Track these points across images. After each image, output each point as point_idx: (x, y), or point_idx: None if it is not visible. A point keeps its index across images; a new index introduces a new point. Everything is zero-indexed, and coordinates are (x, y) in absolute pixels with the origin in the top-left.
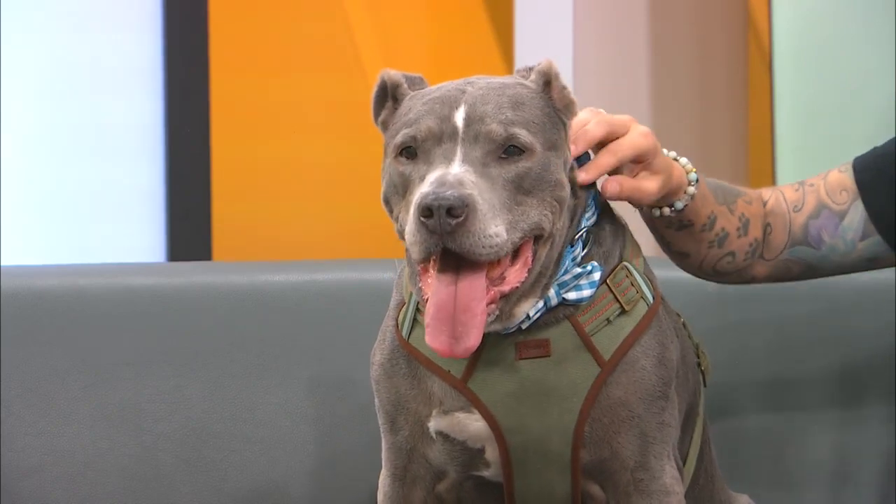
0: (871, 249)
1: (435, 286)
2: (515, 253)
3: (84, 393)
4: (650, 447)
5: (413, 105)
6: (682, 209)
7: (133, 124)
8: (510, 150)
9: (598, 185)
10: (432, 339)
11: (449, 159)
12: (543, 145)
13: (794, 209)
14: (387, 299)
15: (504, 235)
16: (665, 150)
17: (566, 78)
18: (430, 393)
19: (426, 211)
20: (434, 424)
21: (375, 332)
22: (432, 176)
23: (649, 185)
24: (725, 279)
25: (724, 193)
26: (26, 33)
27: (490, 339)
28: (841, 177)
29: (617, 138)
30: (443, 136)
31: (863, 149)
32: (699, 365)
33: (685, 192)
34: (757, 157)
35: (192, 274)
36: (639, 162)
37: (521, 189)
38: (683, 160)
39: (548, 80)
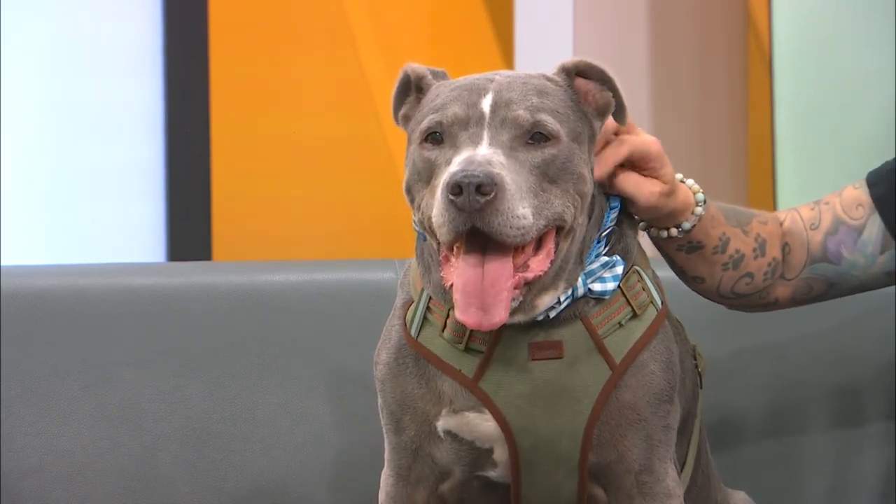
0: (892, 262)
1: (461, 267)
2: (539, 243)
3: (84, 393)
4: (655, 450)
5: (440, 92)
6: (690, 230)
7: (133, 124)
8: (536, 136)
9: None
10: (462, 312)
11: (476, 143)
12: (568, 135)
13: (811, 227)
14: (387, 299)
15: (530, 219)
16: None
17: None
18: (439, 392)
19: (455, 188)
20: (443, 424)
21: (376, 332)
22: (459, 157)
23: (652, 185)
24: (747, 302)
25: (736, 215)
26: (26, 31)
27: (503, 339)
28: (856, 192)
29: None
30: (469, 122)
31: (863, 148)
32: (696, 367)
33: (692, 213)
34: (757, 157)
35: (192, 274)
36: (646, 168)
37: (546, 176)
38: (690, 181)
39: (572, 76)
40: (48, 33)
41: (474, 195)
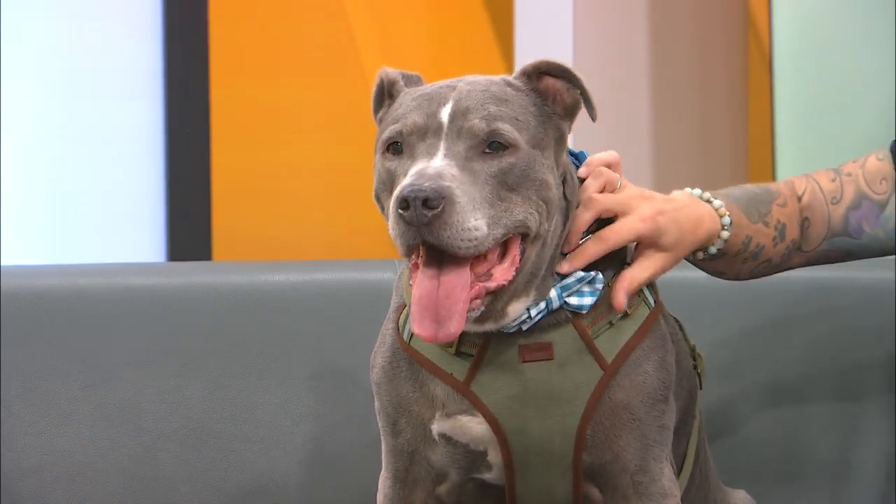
0: None
1: (419, 279)
2: (504, 251)
3: (84, 393)
4: (650, 450)
5: (404, 101)
6: (716, 253)
7: (133, 125)
8: (494, 145)
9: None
10: (417, 324)
11: (431, 154)
12: (528, 142)
13: (832, 201)
14: (387, 299)
15: (484, 230)
16: (699, 191)
17: None
18: (432, 396)
19: (403, 203)
20: (437, 427)
21: (375, 333)
22: (413, 169)
23: (644, 271)
24: (761, 276)
25: (757, 206)
26: (27, 33)
27: (493, 342)
28: (880, 164)
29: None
30: (428, 132)
31: (863, 148)
32: (695, 367)
33: (718, 237)
34: (757, 157)
35: (192, 274)
36: (617, 211)
37: (505, 185)
38: (717, 203)
39: (534, 78)
40: (48, 33)
41: (421, 209)
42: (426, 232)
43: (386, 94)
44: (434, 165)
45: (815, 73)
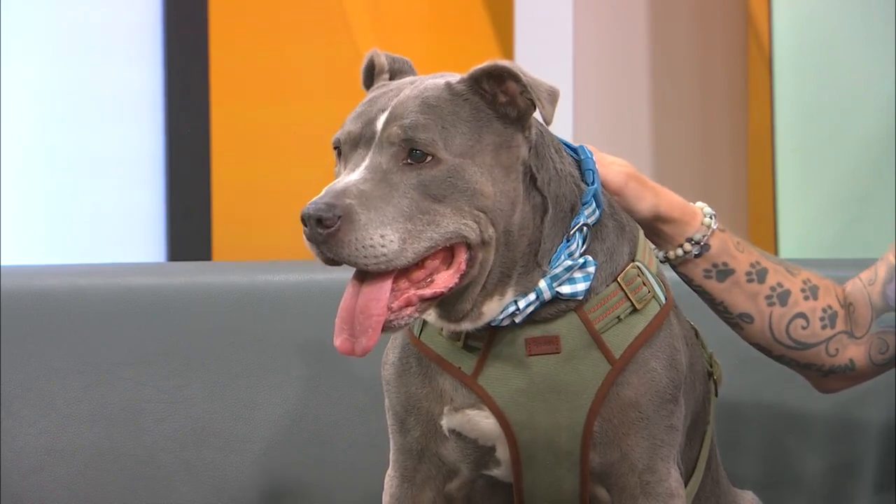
0: None
1: (346, 290)
2: (452, 257)
3: (84, 393)
4: (658, 450)
5: (362, 101)
6: (706, 244)
7: (133, 125)
8: (415, 154)
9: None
10: (335, 337)
11: (357, 165)
12: (454, 151)
13: (868, 284)
14: None
15: (396, 245)
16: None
17: (565, 78)
18: (441, 390)
19: (302, 220)
20: (446, 422)
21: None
22: (331, 183)
23: (612, 161)
24: (815, 359)
25: (781, 261)
26: (26, 33)
27: (499, 336)
28: None
29: None
30: (360, 141)
31: (863, 148)
32: (711, 375)
33: (702, 224)
34: (757, 157)
35: (192, 274)
36: None
37: (429, 196)
38: (698, 203)
39: (482, 82)
40: (49, 32)
41: (315, 228)
42: (325, 249)
43: (376, 78)
44: (347, 180)
45: (815, 73)
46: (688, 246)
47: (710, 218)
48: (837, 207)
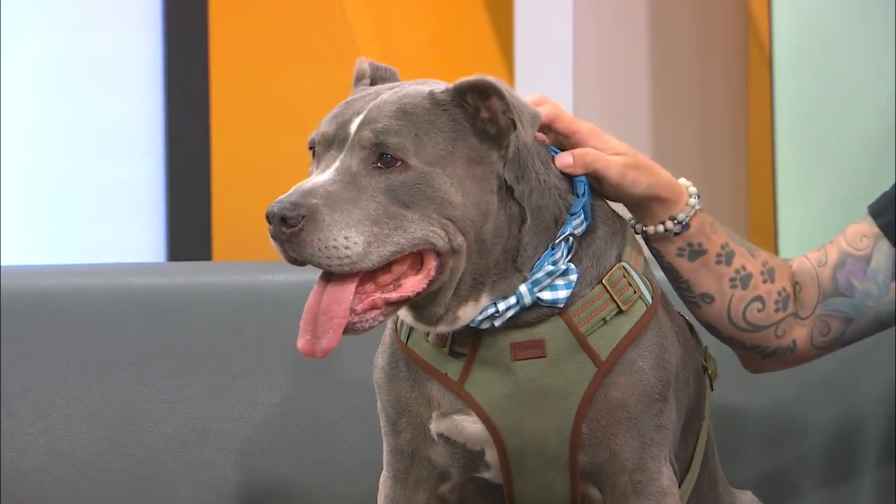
0: None
1: (312, 291)
2: (422, 263)
3: (84, 393)
4: (648, 449)
5: (340, 103)
6: (687, 223)
7: (133, 123)
8: (385, 158)
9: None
10: (299, 338)
11: (328, 165)
12: (425, 159)
13: (818, 265)
14: None
15: (360, 247)
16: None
17: (565, 78)
18: (429, 396)
19: (266, 219)
20: (434, 427)
21: (375, 332)
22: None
23: (614, 158)
24: (763, 340)
25: (742, 241)
26: (25, 32)
27: (485, 341)
28: (858, 226)
29: None
30: (334, 143)
31: (863, 148)
32: (706, 370)
33: (687, 204)
34: (757, 157)
35: (192, 274)
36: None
37: (397, 201)
38: (682, 179)
39: (466, 95)
40: (49, 32)
41: (278, 226)
42: (289, 248)
43: (358, 83)
44: (315, 180)
45: (815, 73)
46: (670, 224)
47: (695, 198)
48: (837, 207)
